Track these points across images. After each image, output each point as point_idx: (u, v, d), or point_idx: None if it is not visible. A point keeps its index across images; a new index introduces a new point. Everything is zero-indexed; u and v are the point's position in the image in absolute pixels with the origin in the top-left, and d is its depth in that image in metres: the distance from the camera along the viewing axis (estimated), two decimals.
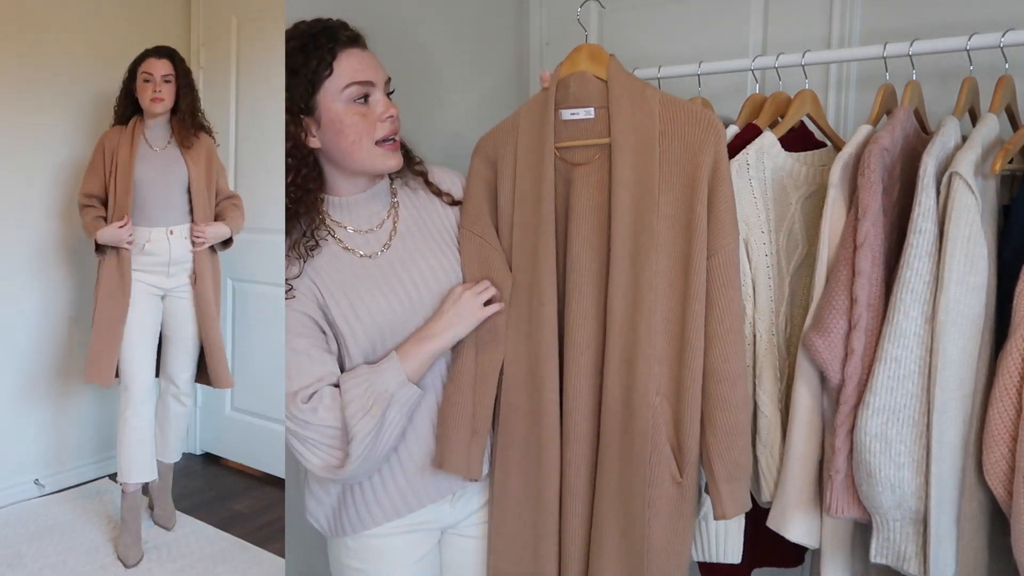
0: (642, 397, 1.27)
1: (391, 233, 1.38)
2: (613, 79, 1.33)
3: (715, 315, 1.26)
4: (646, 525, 1.28)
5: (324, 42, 1.27)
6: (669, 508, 1.29)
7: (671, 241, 1.27)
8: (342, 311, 1.31)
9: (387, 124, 1.31)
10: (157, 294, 2.36)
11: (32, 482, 2.70)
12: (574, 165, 1.35)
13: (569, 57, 1.37)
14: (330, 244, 1.34)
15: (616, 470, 1.30)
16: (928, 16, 1.62)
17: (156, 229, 2.33)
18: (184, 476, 2.78)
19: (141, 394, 2.30)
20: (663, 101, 1.31)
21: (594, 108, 1.34)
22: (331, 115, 1.28)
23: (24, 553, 2.34)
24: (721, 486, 1.28)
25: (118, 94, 2.42)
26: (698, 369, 1.26)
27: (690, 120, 1.28)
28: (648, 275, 1.26)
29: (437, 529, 1.44)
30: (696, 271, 1.25)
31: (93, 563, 2.29)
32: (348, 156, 1.31)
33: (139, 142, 2.35)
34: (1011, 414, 1.15)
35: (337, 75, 1.27)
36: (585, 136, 1.34)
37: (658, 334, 1.27)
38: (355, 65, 1.28)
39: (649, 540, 1.28)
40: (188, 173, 2.34)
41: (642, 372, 1.27)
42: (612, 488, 1.31)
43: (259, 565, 2.33)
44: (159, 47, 2.39)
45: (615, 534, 1.31)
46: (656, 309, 1.26)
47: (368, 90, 1.29)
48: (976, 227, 1.16)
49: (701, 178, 1.25)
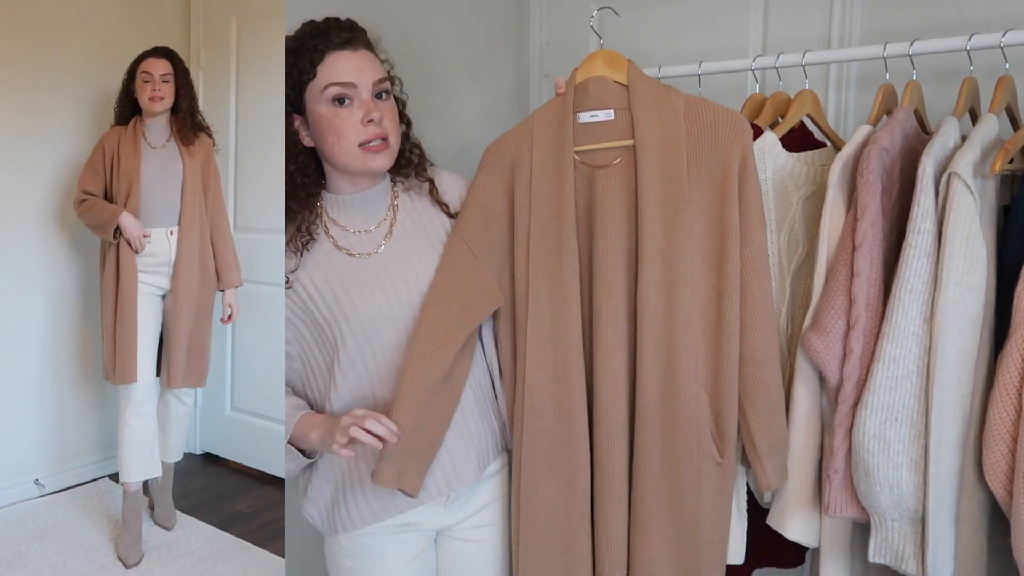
0: (684, 388, 1.29)
1: (387, 235, 1.38)
2: (634, 81, 1.34)
3: (750, 304, 1.30)
4: (697, 507, 1.32)
5: (315, 44, 1.28)
6: (713, 487, 1.33)
7: (703, 237, 1.30)
8: (329, 308, 1.32)
9: (370, 128, 1.30)
10: (157, 294, 2.36)
11: (32, 482, 2.70)
12: (595, 168, 1.35)
13: (584, 63, 1.38)
14: (323, 241, 1.35)
15: (658, 460, 1.32)
16: (928, 16, 1.62)
17: (156, 229, 2.33)
18: (184, 476, 2.78)
19: (143, 393, 2.31)
20: (687, 102, 1.33)
21: (614, 110, 1.34)
22: (315, 116, 1.31)
23: (24, 553, 2.34)
24: (765, 460, 1.33)
25: (118, 94, 2.42)
26: (735, 356, 1.30)
27: (717, 119, 1.30)
28: (683, 270, 1.29)
29: (432, 531, 1.44)
30: (731, 264, 1.28)
31: (93, 563, 2.29)
32: (332, 156, 1.33)
33: (140, 140, 2.35)
34: (1011, 414, 1.15)
35: (319, 77, 1.29)
36: (606, 138, 1.35)
37: (696, 326, 1.30)
38: (338, 68, 1.29)
39: (697, 520, 1.32)
40: (184, 170, 2.34)
41: (683, 364, 1.29)
42: (654, 477, 1.32)
43: (259, 565, 2.33)
44: (157, 47, 2.39)
45: (663, 521, 1.33)
46: (695, 302, 1.29)
47: (348, 92, 1.29)
48: (975, 227, 1.16)
49: (731, 175, 1.28)
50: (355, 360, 1.33)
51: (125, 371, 2.29)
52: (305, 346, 1.38)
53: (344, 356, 1.33)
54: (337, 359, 1.33)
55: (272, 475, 2.88)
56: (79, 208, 2.37)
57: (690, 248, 1.29)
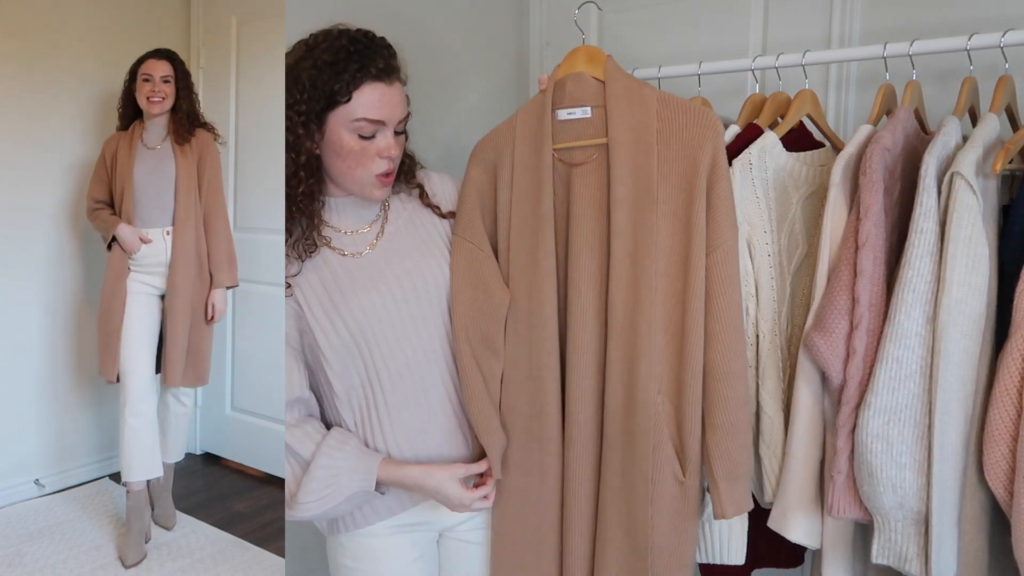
0: (644, 396, 1.27)
1: (378, 235, 1.39)
2: (611, 79, 1.33)
3: (714, 312, 1.26)
4: (649, 524, 1.28)
5: (354, 67, 1.26)
6: (672, 507, 1.29)
7: (670, 239, 1.27)
8: (324, 309, 1.32)
9: (385, 162, 1.31)
10: (155, 294, 2.36)
11: (32, 482, 2.70)
12: (572, 166, 1.35)
13: (566, 59, 1.37)
14: (318, 243, 1.35)
15: (619, 470, 1.30)
16: (928, 16, 1.62)
17: (153, 230, 2.33)
18: (184, 476, 2.79)
19: (139, 393, 2.31)
20: (661, 100, 1.30)
21: (591, 107, 1.33)
22: (334, 136, 1.29)
23: (24, 553, 2.34)
24: (720, 484, 1.28)
25: (120, 96, 2.43)
26: (698, 367, 1.26)
27: (688, 118, 1.28)
28: (648, 274, 1.26)
29: (434, 531, 1.44)
30: (695, 269, 1.25)
31: (93, 563, 2.29)
32: (340, 176, 1.34)
33: (137, 143, 2.35)
34: (1011, 414, 1.15)
35: (352, 105, 1.27)
36: (583, 136, 1.34)
37: (659, 333, 1.27)
38: (374, 102, 1.27)
39: (652, 539, 1.28)
40: (176, 170, 2.33)
41: (643, 371, 1.26)
42: (615, 488, 1.31)
43: (259, 565, 2.33)
44: (158, 49, 2.39)
45: (619, 534, 1.31)
46: (656, 308, 1.26)
47: (377, 129, 1.29)
48: (978, 227, 1.16)
49: (700, 176, 1.25)
50: (349, 356, 1.33)
51: (106, 367, 2.31)
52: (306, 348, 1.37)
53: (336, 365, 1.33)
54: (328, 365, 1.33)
55: (272, 475, 2.88)
56: (89, 217, 2.42)
57: (655, 251, 1.26)
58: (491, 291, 1.36)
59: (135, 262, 2.33)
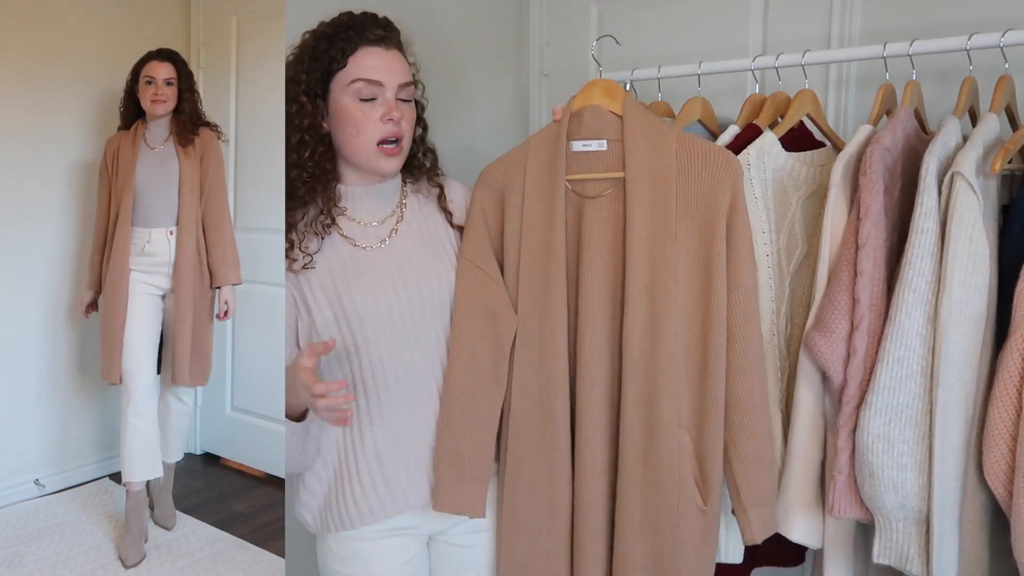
0: (666, 431, 1.27)
1: (392, 231, 1.38)
2: (629, 114, 1.33)
3: (737, 348, 1.28)
4: (676, 555, 1.29)
5: (350, 35, 1.30)
6: (696, 537, 1.31)
7: (689, 275, 1.29)
8: (327, 298, 1.32)
9: (388, 126, 1.31)
10: (157, 294, 2.36)
11: (32, 482, 2.70)
12: (586, 198, 1.35)
13: (582, 91, 1.37)
14: (331, 230, 1.35)
15: (639, 504, 1.30)
16: (928, 16, 1.62)
17: (156, 230, 2.33)
18: (184, 476, 2.79)
19: (142, 393, 2.31)
20: (680, 139, 1.31)
21: (607, 140, 1.34)
22: (336, 106, 1.32)
23: (24, 553, 2.34)
24: (750, 512, 1.31)
25: (122, 96, 2.43)
26: (721, 401, 1.28)
27: (708, 158, 1.29)
28: (668, 308, 1.27)
29: (424, 535, 1.44)
30: (717, 306, 1.27)
31: (93, 563, 2.30)
32: (347, 147, 1.34)
33: (140, 143, 2.36)
34: (1011, 414, 1.15)
35: (348, 69, 1.30)
36: (598, 169, 1.34)
37: (680, 367, 1.28)
38: (369, 63, 1.30)
39: (678, 571, 1.30)
40: (180, 170, 2.34)
41: (665, 406, 1.27)
42: (635, 522, 1.30)
43: (259, 565, 2.33)
44: (161, 49, 2.39)
45: (644, 566, 1.31)
46: (679, 342, 1.28)
47: (375, 90, 1.30)
48: (978, 227, 1.16)
49: (719, 215, 1.27)
50: (345, 352, 1.33)
51: (109, 370, 2.31)
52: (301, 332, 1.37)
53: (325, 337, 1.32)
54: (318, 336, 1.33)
55: (272, 475, 2.88)
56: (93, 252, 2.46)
57: (674, 287, 1.27)
58: (499, 319, 1.36)
59: (137, 262, 2.33)
